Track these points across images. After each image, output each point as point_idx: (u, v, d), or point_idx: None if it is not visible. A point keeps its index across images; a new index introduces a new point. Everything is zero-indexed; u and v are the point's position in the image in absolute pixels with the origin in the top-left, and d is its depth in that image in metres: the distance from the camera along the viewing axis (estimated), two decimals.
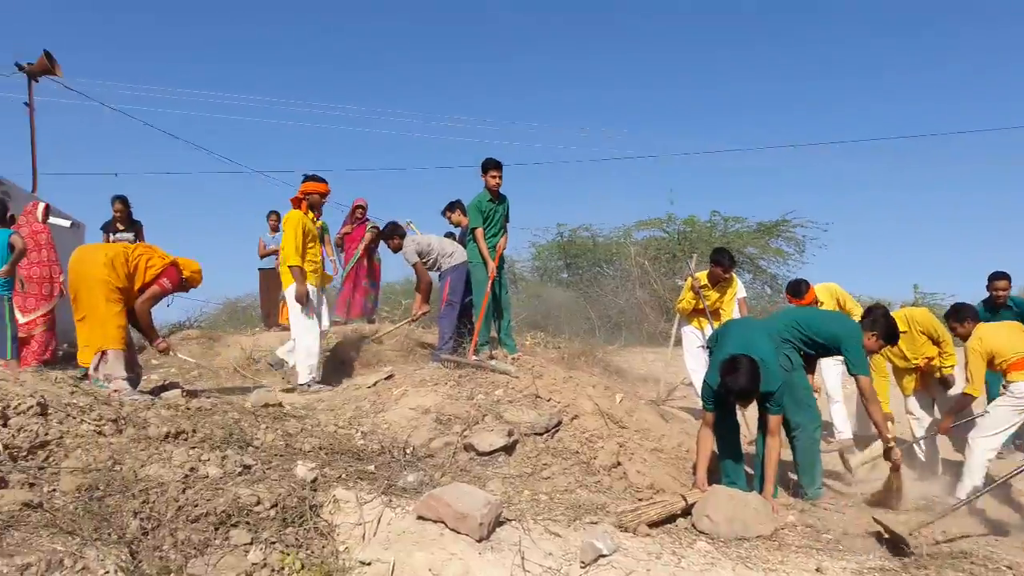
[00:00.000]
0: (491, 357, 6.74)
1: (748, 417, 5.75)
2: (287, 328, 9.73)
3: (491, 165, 7.26)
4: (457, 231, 8.60)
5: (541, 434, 4.97)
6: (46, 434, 3.75)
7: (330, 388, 6.69)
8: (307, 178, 7.17)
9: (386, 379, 6.27)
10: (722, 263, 7.26)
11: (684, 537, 4.08)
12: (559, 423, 5.09)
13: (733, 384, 4.44)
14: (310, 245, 6.98)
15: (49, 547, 3.03)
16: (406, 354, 8.38)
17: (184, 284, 6.02)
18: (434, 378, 5.91)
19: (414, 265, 7.57)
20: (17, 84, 11.18)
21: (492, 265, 7.14)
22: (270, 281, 10.50)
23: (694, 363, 7.56)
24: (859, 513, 4.93)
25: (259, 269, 10.87)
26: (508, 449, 4.78)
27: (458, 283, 7.42)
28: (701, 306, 7.39)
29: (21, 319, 7.92)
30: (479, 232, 7.18)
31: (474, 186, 7.81)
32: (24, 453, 3.60)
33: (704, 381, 4.88)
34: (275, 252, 10.39)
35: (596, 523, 3.99)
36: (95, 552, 3.05)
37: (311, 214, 7.08)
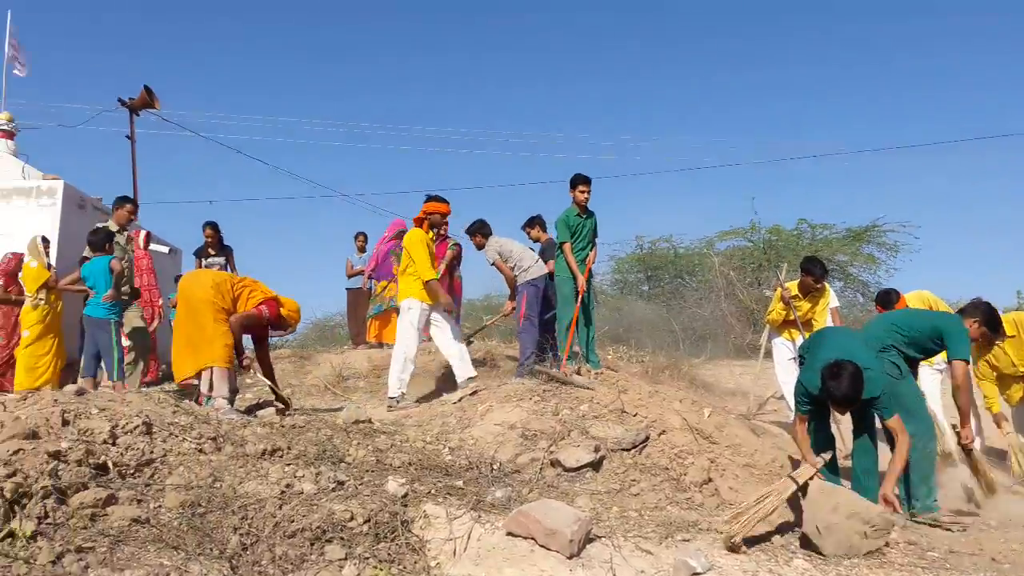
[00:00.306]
0: (578, 372, 6.71)
1: (843, 430, 5.55)
2: (374, 346, 9.95)
3: (580, 180, 7.28)
4: (536, 247, 8.62)
5: (628, 450, 4.92)
6: (151, 452, 3.92)
7: (416, 405, 6.78)
8: (429, 198, 7.28)
9: (471, 395, 6.32)
10: (814, 272, 7.06)
11: (780, 554, 3.95)
12: (647, 438, 5.02)
13: (836, 390, 4.28)
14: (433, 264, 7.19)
15: (156, 561, 3.16)
16: (489, 370, 8.44)
17: (281, 321, 6.14)
18: (518, 394, 5.92)
19: (494, 263, 7.64)
20: (120, 119, 11.85)
21: (581, 280, 7.12)
22: (358, 300, 10.72)
23: (786, 376, 7.35)
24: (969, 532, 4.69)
25: (347, 289, 11.08)
26: (595, 465, 4.75)
27: (534, 299, 7.39)
28: (792, 317, 7.20)
29: (126, 342, 8.33)
30: (567, 246, 7.19)
31: (537, 202, 7.92)
32: (131, 470, 3.77)
33: (799, 381, 4.72)
34: (361, 272, 10.64)
35: (688, 540, 3.91)
36: (199, 567, 3.15)
37: (431, 233, 7.29)
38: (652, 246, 18.49)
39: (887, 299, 6.70)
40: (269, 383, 6.27)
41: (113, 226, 8.01)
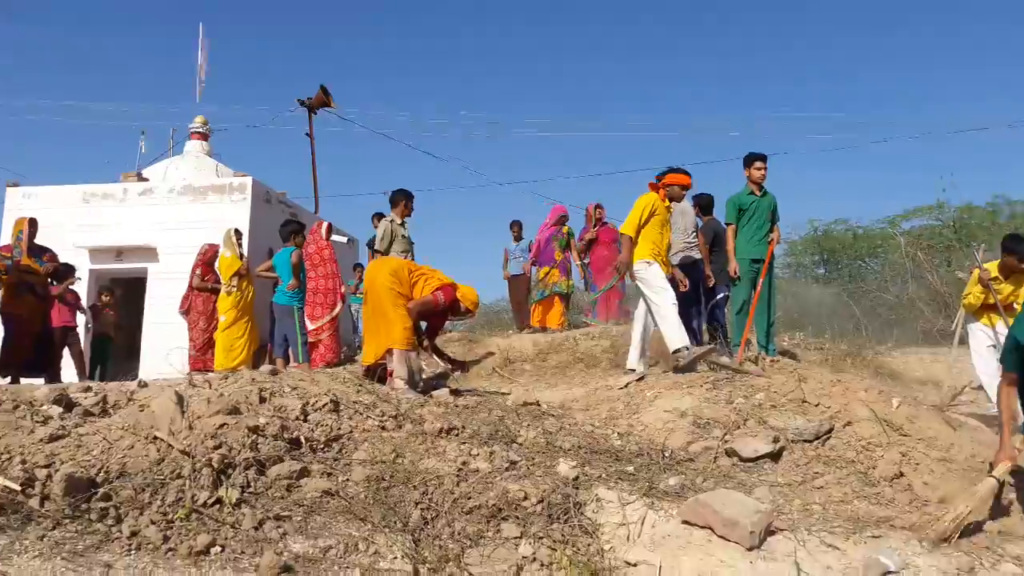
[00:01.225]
0: (753, 360, 6.46)
1: None
2: (538, 331, 10.05)
3: (755, 157, 7.02)
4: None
5: (810, 441, 4.67)
6: (339, 428, 4.14)
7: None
8: (671, 170, 6.80)
9: (638, 381, 6.23)
10: (1018, 251, 6.42)
11: (985, 556, 3.61)
12: (830, 429, 4.75)
13: None
14: (660, 230, 6.59)
15: (345, 531, 3.34)
16: (655, 356, 8.28)
17: (458, 307, 6.17)
18: (688, 380, 5.77)
19: None
20: (300, 118, 12.62)
21: (733, 264, 6.87)
22: (520, 286, 10.84)
23: (984, 365, 6.74)
24: None
25: (507, 277, 11.22)
26: (774, 456, 4.54)
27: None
28: (992, 301, 6.58)
29: (310, 326, 8.89)
30: (731, 228, 6.94)
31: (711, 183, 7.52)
32: (321, 445, 4.00)
33: (1009, 334, 4.24)
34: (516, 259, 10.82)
35: (878, 537, 3.66)
36: (384, 538, 3.30)
37: (667, 201, 6.72)
38: (828, 228, 17.49)
39: None
40: (443, 360, 6.47)
41: (396, 219, 8.24)
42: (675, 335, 6.27)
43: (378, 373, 5.89)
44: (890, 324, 12.31)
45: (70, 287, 9.16)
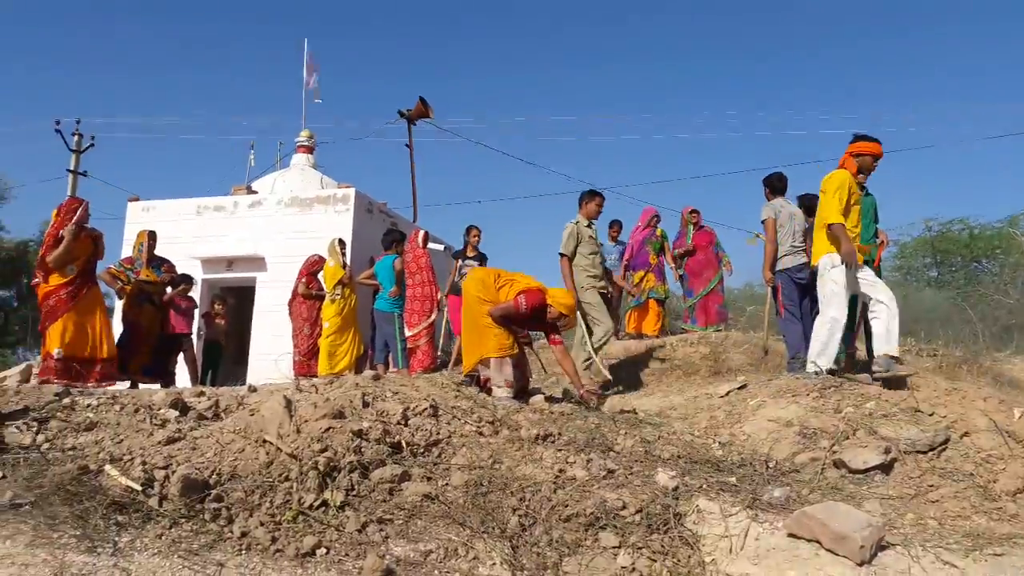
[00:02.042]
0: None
1: None
2: (634, 337, 9.90)
3: None
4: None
5: (924, 452, 4.44)
6: (438, 433, 4.21)
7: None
8: (858, 137, 6.27)
9: (739, 389, 6.07)
10: None
11: None
12: (946, 440, 4.50)
13: None
14: (857, 217, 6.04)
15: (445, 536, 3.39)
16: (756, 363, 8.06)
17: (547, 312, 5.91)
18: (793, 389, 5.57)
19: (764, 221, 6.93)
20: (400, 129, 12.92)
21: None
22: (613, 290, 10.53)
23: None
24: None
25: None
26: (885, 468, 4.34)
27: (789, 288, 6.76)
28: None
29: (408, 332, 9.07)
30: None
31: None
32: (421, 450, 4.07)
33: None
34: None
35: (1001, 556, 3.44)
36: (483, 544, 3.33)
37: (860, 176, 6.11)
38: (944, 228, 16.59)
39: None
40: (568, 374, 6.19)
41: (583, 220, 7.58)
42: (818, 355, 5.86)
43: (476, 379, 5.94)
44: (1009, 329, 11.57)
45: (185, 294, 9.64)
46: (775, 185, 7.10)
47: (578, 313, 6.80)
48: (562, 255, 7.21)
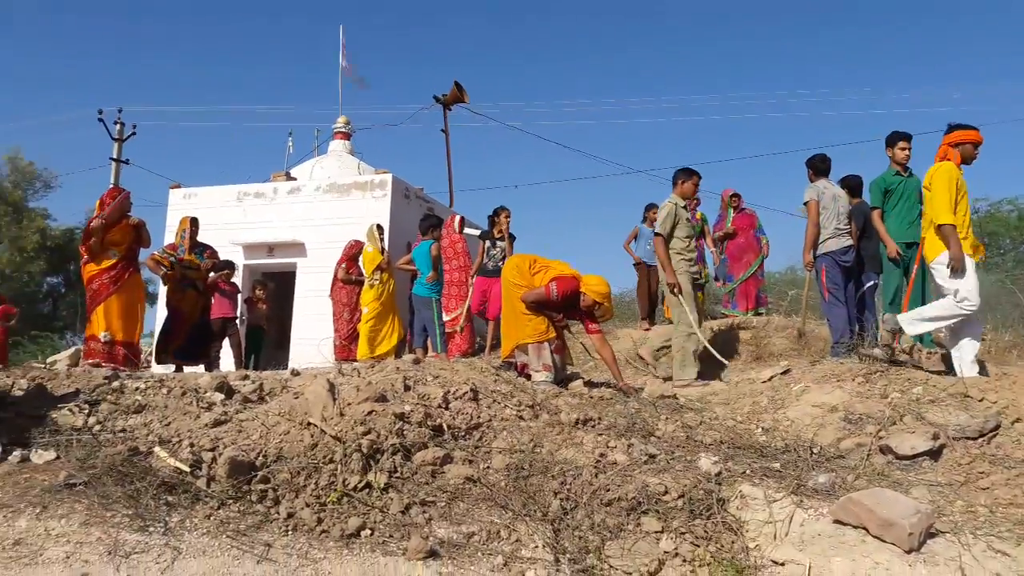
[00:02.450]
0: (908, 353, 6.07)
1: None
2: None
3: (899, 137, 6.64)
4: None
5: (974, 438, 4.34)
6: (478, 416, 4.22)
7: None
8: (954, 127, 5.99)
9: (782, 374, 6.00)
10: None
11: None
12: (997, 426, 4.39)
13: None
14: (966, 209, 5.75)
15: (487, 519, 3.40)
16: (799, 348, 7.96)
17: (580, 299, 5.82)
18: (838, 374, 5.49)
19: (806, 203, 6.79)
20: (436, 115, 12.91)
21: (892, 246, 6.46)
22: (650, 275, 10.13)
23: None
24: None
25: (634, 265, 10.45)
26: (933, 454, 4.25)
27: (833, 271, 6.63)
28: None
29: (446, 317, 9.11)
30: (876, 213, 6.59)
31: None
32: (462, 433, 4.09)
33: None
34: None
35: None
36: (525, 527, 3.34)
37: (960, 171, 5.74)
38: (993, 208, 16.14)
39: None
40: (607, 362, 6.06)
41: (679, 200, 7.25)
42: (916, 320, 5.59)
43: (514, 365, 5.95)
44: None
45: (228, 279, 9.77)
46: (818, 167, 6.98)
47: (679, 297, 6.80)
48: (658, 235, 6.95)
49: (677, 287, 6.80)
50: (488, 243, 9.62)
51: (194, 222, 8.68)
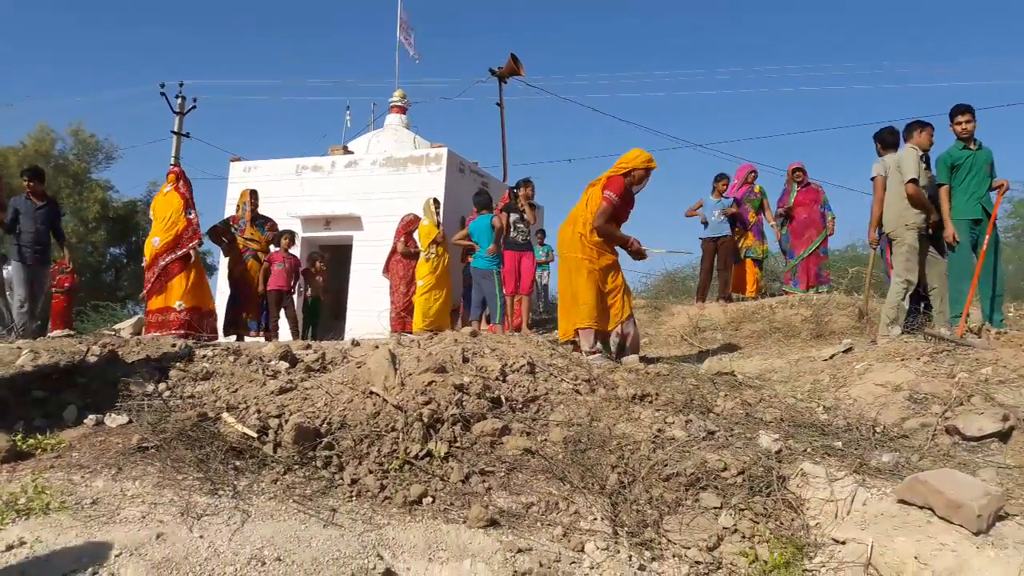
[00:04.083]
0: (976, 333, 5.89)
1: None
2: (735, 299, 9.63)
3: (956, 111, 6.43)
4: None
5: None
6: (535, 389, 4.24)
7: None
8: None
9: (844, 352, 5.89)
10: None
11: None
12: None
13: None
14: None
15: (545, 490, 3.43)
16: (861, 327, 7.79)
17: (635, 179, 5.86)
18: (902, 353, 5.37)
19: (873, 179, 6.60)
20: (491, 88, 12.88)
21: (950, 230, 6.27)
22: (717, 249, 9.87)
23: None
24: None
25: (700, 239, 10.09)
26: (1002, 436, 4.14)
27: (898, 251, 6.40)
28: None
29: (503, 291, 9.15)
30: (943, 190, 6.40)
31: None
32: (520, 405, 4.12)
33: None
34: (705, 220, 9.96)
35: None
36: (583, 499, 3.36)
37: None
38: None
39: None
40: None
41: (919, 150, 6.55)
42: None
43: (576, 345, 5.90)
44: None
45: (287, 250, 9.94)
46: (887, 140, 6.78)
47: (903, 249, 6.36)
48: (913, 180, 6.33)
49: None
50: (515, 216, 9.49)
51: (254, 194, 8.85)
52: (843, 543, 3.26)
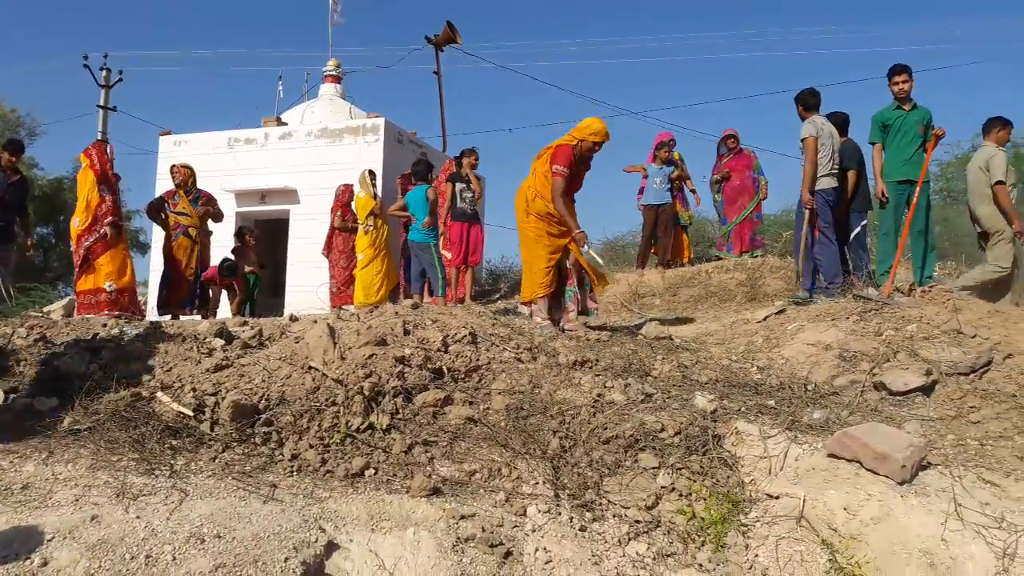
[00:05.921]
0: (907, 292, 6.11)
1: None
2: (679, 265, 9.72)
3: (893, 71, 6.58)
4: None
5: (966, 374, 4.41)
6: (477, 359, 4.26)
7: None
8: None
9: (777, 313, 6.05)
10: None
11: None
12: (989, 362, 4.46)
13: None
14: None
15: (488, 457, 3.46)
16: (793, 289, 7.99)
17: (586, 148, 5.75)
18: (832, 312, 5.54)
19: (803, 140, 6.61)
20: (428, 56, 12.73)
21: (880, 186, 6.49)
22: (657, 217, 9.91)
23: None
24: None
25: (642, 206, 10.06)
26: (926, 390, 4.32)
27: (824, 211, 6.54)
28: None
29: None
30: (876, 148, 6.58)
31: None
32: (462, 375, 4.13)
33: None
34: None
35: None
36: (525, 464, 3.40)
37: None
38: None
39: None
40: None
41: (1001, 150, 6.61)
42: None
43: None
44: None
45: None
46: (808, 101, 6.79)
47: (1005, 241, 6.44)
48: (1001, 183, 6.36)
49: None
50: (456, 185, 9.38)
51: (186, 168, 8.60)
52: (777, 498, 3.38)
